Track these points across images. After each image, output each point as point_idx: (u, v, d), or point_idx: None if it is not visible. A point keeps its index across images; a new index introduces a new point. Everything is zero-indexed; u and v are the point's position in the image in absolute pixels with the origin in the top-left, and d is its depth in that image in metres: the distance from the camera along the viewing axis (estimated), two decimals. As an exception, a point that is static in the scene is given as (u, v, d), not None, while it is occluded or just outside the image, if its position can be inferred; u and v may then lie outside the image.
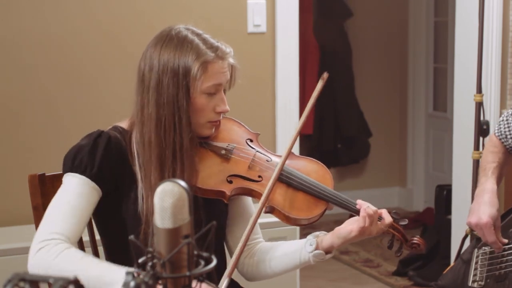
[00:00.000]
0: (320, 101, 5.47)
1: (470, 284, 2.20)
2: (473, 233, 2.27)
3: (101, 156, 1.79)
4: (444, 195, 4.38)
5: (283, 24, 3.46)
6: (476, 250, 2.23)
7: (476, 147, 3.40)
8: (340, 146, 5.63)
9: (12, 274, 0.97)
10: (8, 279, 0.96)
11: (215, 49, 1.83)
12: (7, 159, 3.12)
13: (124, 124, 1.90)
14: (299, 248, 1.92)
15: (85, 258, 1.69)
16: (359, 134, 5.66)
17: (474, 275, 2.20)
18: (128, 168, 1.83)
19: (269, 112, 3.50)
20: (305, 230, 4.57)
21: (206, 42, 1.83)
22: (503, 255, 2.19)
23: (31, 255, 1.69)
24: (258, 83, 3.45)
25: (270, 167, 1.90)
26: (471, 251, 2.25)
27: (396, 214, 1.93)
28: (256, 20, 3.43)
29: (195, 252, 1.15)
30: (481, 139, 3.42)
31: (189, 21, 1.92)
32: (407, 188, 5.89)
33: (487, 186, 2.22)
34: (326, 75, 1.91)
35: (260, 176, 1.88)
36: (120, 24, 3.22)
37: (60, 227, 1.72)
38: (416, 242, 1.93)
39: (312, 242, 1.90)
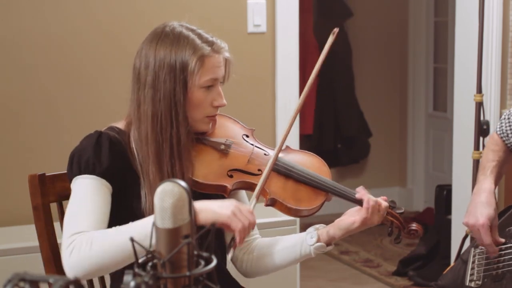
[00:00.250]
0: (320, 101, 5.49)
1: (467, 283, 2.20)
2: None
3: (107, 154, 1.80)
4: (444, 195, 4.38)
5: (283, 24, 3.46)
6: (473, 249, 2.23)
7: (476, 147, 3.40)
8: (340, 146, 5.63)
9: (12, 274, 0.97)
10: (8, 279, 0.96)
11: (211, 43, 1.83)
12: (7, 159, 3.11)
13: (120, 125, 1.90)
14: (299, 241, 1.94)
15: (113, 229, 1.70)
16: (359, 134, 5.66)
17: (471, 274, 2.20)
18: (130, 167, 1.83)
19: (269, 112, 3.49)
20: (305, 230, 4.57)
21: (202, 37, 1.84)
22: (500, 254, 2.19)
23: (65, 262, 1.68)
24: (258, 83, 3.45)
25: (269, 161, 1.91)
26: (469, 254, 2.25)
27: (393, 203, 1.96)
28: (256, 20, 3.42)
29: (195, 252, 1.15)
30: (481, 139, 3.42)
31: (183, 18, 1.92)
32: (407, 188, 5.89)
33: (485, 185, 2.22)
34: (336, 30, 1.91)
35: (259, 170, 1.90)
36: (120, 24, 3.22)
37: (82, 227, 1.71)
38: (414, 229, 1.96)
39: (313, 235, 1.92)
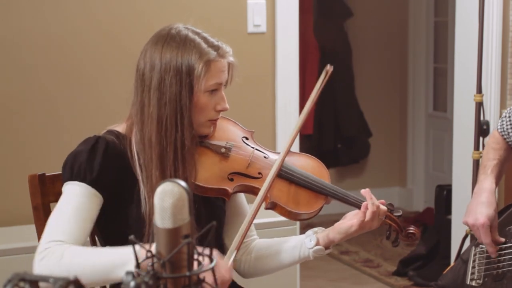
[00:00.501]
0: (320, 101, 5.48)
1: (468, 282, 2.20)
2: (472, 234, 2.27)
3: (100, 162, 1.78)
4: (444, 195, 4.38)
5: (283, 24, 3.46)
6: (474, 248, 2.23)
7: (476, 147, 3.40)
8: (340, 146, 5.63)
9: (12, 274, 0.97)
10: (8, 279, 0.96)
11: (217, 48, 1.83)
12: (7, 159, 3.11)
13: (120, 128, 1.89)
14: (298, 244, 1.94)
15: (89, 248, 1.70)
16: (359, 134, 5.66)
17: (472, 273, 2.20)
18: (129, 172, 1.82)
19: (269, 112, 3.49)
20: (305, 230, 4.57)
21: (208, 41, 1.83)
22: (500, 254, 2.19)
23: (36, 265, 1.67)
24: (258, 83, 3.45)
25: (269, 164, 1.91)
26: (470, 253, 2.25)
27: (390, 206, 1.96)
28: (256, 20, 3.42)
29: (195, 252, 1.15)
30: (481, 139, 3.42)
31: (188, 21, 1.91)
32: (407, 188, 5.89)
33: (485, 185, 2.22)
34: (330, 68, 1.90)
35: (260, 173, 1.89)
36: (120, 24, 3.22)
37: (62, 236, 1.71)
38: (411, 232, 1.96)
39: (312, 238, 1.92)
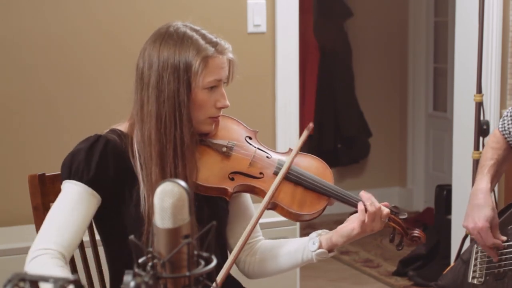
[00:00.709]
0: (320, 101, 5.49)
1: (469, 280, 2.20)
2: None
3: (97, 162, 1.78)
4: (444, 195, 4.38)
5: (283, 24, 3.46)
6: (476, 246, 2.23)
7: (476, 147, 3.40)
8: (340, 146, 5.63)
9: (12, 274, 0.97)
10: (8, 279, 0.96)
11: (215, 44, 1.82)
12: (7, 159, 3.12)
13: (123, 127, 1.89)
14: (301, 247, 1.92)
15: (55, 267, 1.66)
16: (359, 134, 5.66)
17: (474, 271, 2.20)
18: (129, 171, 1.82)
19: (269, 112, 3.49)
20: (305, 230, 4.57)
21: (206, 38, 1.83)
22: (502, 253, 2.19)
23: (26, 263, 1.69)
24: (258, 83, 3.45)
25: (271, 164, 1.90)
26: (471, 251, 2.25)
27: (395, 208, 1.93)
28: (256, 20, 3.42)
29: (195, 252, 1.15)
30: (481, 139, 3.42)
31: (187, 19, 1.91)
32: (407, 188, 5.89)
33: (481, 185, 2.22)
34: (311, 126, 1.96)
35: (261, 173, 1.88)
36: (120, 24, 3.22)
37: (56, 237, 1.72)
38: (416, 235, 1.92)
39: (315, 241, 1.90)
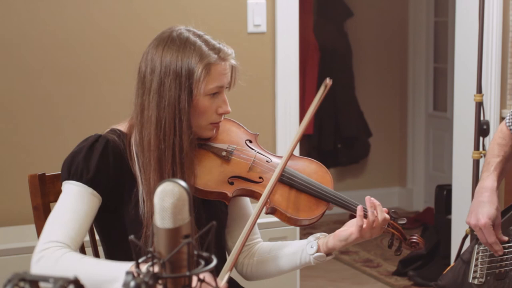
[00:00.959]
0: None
1: (470, 280, 2.20)
2: (473, 233, 2.27)
3: (97, 162, 1.78)
4: (444, 195, 4.38)
5: (283, 24, 3.46)
6: (477, 246, 2.23)
7: (476, 147, 3.40)
8: (340, 146, 5.63)
9: (12, 274, 0.97)
10: (8, 279, 0.96)
11: (218, 51, 1.81)
12: (7, 159, 3.12)
13: (122, 127, 1.88)
14: (299, 250, 1.92)
15: (84, 258, 1.68)
16: (359, 134, 5.66)
17: (475, 271, 2.20)
18: (128, 172, 1.82)
19: (269, 112, 3.49)
20: (305, 230, 4.57)
21: (209, 44, 1.82)
22: (503, 253, 2.19)
23: (32, 265, 1.69)
24: (258, 83, 3.45)
25: (271, 168, 1.89)
26: (471, 251, 2.25)
27: (394, 213, 1.92)
28: (256, 20, 3.43)
29: (195, 252, 1.15)
30: (481, 139, 3.42)
31: (189, 21, 1.91)
32: (407, 188, 5.89)
33: (487, 183, 2.21)
34: (329, 82, 1.85)
35: (261, 177, 1.88)
36: (119, 25, 3.22)
37: (59, 236, 1.71)
38: (415, 241, 1.92)
39: (313, 244, 1.89)
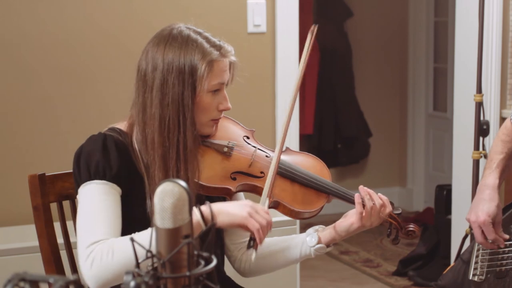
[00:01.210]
0: (320, 101, 5.49)
1: (470, 277, 2.20)
2: (473, 233, 2.27)
3: (116, 158, 1.79)
4: (444, 195, 4.37)
5: (283, 24, 3.46)
6: (477, 243, 2.22)
7: (476, 147, 3.40)
8: (340, 146, 5.62)
9: (12, 274, 0.97)
10: (8, 279, 0.96)
11: (219, 48, 1.82)
12: (7, 159, 3.11)
13: (122, 126, 1.88)
14: (299, 242, 1.95)
15: (134, 236, 1.66)
16: (359, 134, 5.66)
17: (475, 268, 2.20)
18: (135, 169, 1.82)
19: (269, 112, 3.49)
20: (305, 230, 4.57)
21: (209, 41, 1.83)
22: (504, 251, 2.18)
23: (86, 273, 1.67)
24: (258, 83, 3.45)
25: (271, 163, 1.90)
26: (471, 250, 2.25)
27: (391, 204, 1.96)
28: (256, 20, 3.42)
29: (195, 252, 1.15)
30: (481, 139, 3.42)
31: (189, 20, 1.91)
32: (407, 188, 5.89)
33: (489, 180, 2.20)
34: (314, 28, 1.90)
35: (262, 172, 1.90)
36: (119, 24, 3.22)
37: (99, 235, 1.70)
38: (411, 229, 1.96)
39: (313, 236, 1.93)
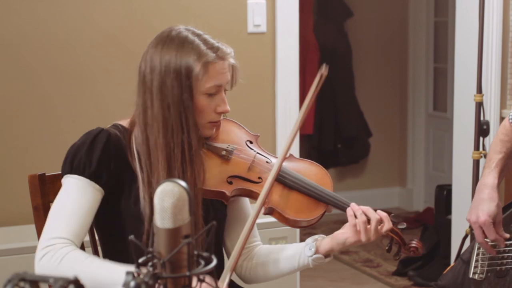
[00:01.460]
0: (320, 101, 5.49)
1: (470, 275, 2.20)
2: (473, 232, 2.27)
3: (99, 155, 1.78)
4: (444, 195, 4.38)
5: (283, 24, 3.46)
6: (477, 243, 2.23)
7: (476, 147, 3.40)
8: (340, 146, 5.63)
9: (12, 274, 0.97)
10: (8, 279, 0.96)
11: (216, 50, 1.82)
12: (7, 159, 3.12)
13: (125, 123, 1.89)
14: (298, 252, 1.91)
15: (89, 259, 1.68)
16: (359, 134, 5.66)
17: (475, 267, 2.20)
18: (128, 167, 1.82)
19: (269, 112, 3.50)
20: (305, 230, 4.57)
21: (207, 43, 1.82)
22: (504, 250, 2.18)
23: (36, 262, 1.70)
24: (258, 83, 3.45)
25: (270, 169, 1.89)
26: (471, 251, 2.25)
27: (394, 218, 1.90)
28: (256, 20, 3.43)
29: (195, 252, 1.15)
30: (481, 139, 3.42)
31: (189, 21, 1.91)
32: (407, 188, 5.89)
33: (488, 180, 2.20)
34: (325, 72, 1.91)
35: (260, 178, 1.87)
36: (119, 24, 3.22)
37: (62, 231, 1.71)
38: (414, 246, 1.91)
39: (311, 246, 1.89)
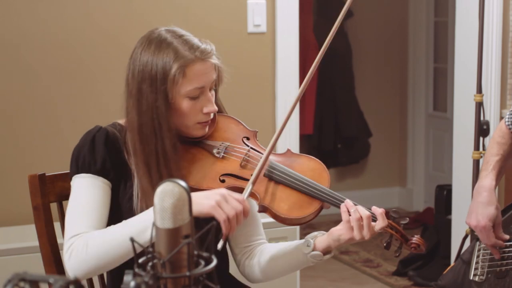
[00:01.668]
0: (320, 101, 5.49)
1: (471, 277, 2.20)
2: (473, 233, 2.27)
3: (102, 151, 1.81)
4: (444, 195, 4.38)
5: (283, 24, 3.46)
6: (478, 243, 2.22)
7: (476, 147, 3.40)
8: (340, 146, 5.62)
9: (12, 274, 0.97)
10: (8, 279, 0.96)
11: (194, 50, 1.77)
12: (7, 159, 3.12)
13: (123, 121, 1.90)
14: (296, 250, 1.90)
15: (108, 228, 1.73)
16: (359, 134, 5.66)
17: (475, 268, 2.20)
18: (125, 165, 1.84)
19: (269, 112, 3.49)
20: (305, 230, 4.57)
21: (186, 43, 1.77)
22: (504, 251, 2.19)
23: (66, 264, 1.74)
24: (258, 83, 3.44)
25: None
26: (472, 250, 2.25)
27: (395, 213, 1.85)
28: (256, 20, 3.42)
29: (195, 252, 1.15)
30: (481, 139, 3.41)
31: (189, 21, 1.91)
32: (407, 188, 5.89)
33: (485, 182, 2.20)
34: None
35: (252, 175, 1.83)
36: (119, 24, 3.22)
37: (81, 227, 1.75)
38: (415, 243, 1.85)
39: (309, 243, 1.87)
